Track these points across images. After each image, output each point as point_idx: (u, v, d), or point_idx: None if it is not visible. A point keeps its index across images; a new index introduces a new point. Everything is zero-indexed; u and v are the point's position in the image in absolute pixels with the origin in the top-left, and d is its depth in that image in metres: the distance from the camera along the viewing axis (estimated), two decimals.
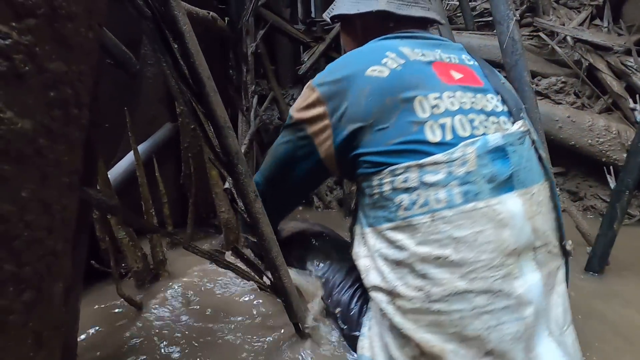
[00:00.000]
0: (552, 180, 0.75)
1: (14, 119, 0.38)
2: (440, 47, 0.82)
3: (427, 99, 0.72)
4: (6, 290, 0.39)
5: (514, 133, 0.73)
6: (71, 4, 0.43)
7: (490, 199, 0.68)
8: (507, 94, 0.79)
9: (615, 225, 1.21)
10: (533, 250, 0.69)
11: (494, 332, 0.65)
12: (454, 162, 0.68)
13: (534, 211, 0.70)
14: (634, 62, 1.92)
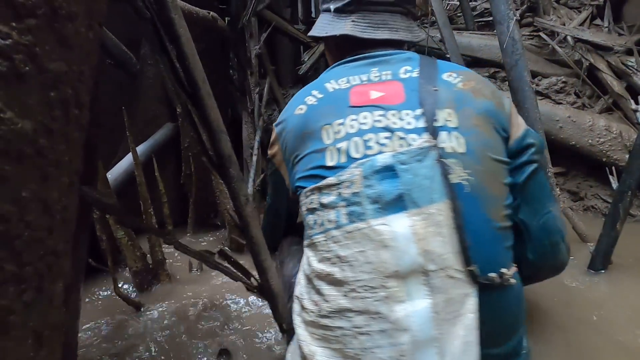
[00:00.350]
0: (459, 199, 0.68)
1: (15, 119, 0.38)
2: (381, 64, 0.84)
3: (332, 126, 0.77)
4: (7, 290, 0.39)
5: (410, 151, 0.70)
6: (71, 4, 0.43)
7: (373, 219, 0.68)
8: None
9: (618, 226, 1.21)
10: (424, 274, 0.65)
11: (369, 354, 0.65)
12: (342, 183, 0.71)
13: (429, 232, 0.66)
14: (634, 62, 1.92)
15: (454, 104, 0.75)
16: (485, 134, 0.73)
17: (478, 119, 0.74)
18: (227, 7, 2.14)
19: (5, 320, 0.39)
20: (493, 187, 0.71)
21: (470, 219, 0.68)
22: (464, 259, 0.66)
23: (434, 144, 0.70)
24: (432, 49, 2.22)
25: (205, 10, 1.82)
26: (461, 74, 0.81)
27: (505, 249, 0.71)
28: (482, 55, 2.20)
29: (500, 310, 0.69)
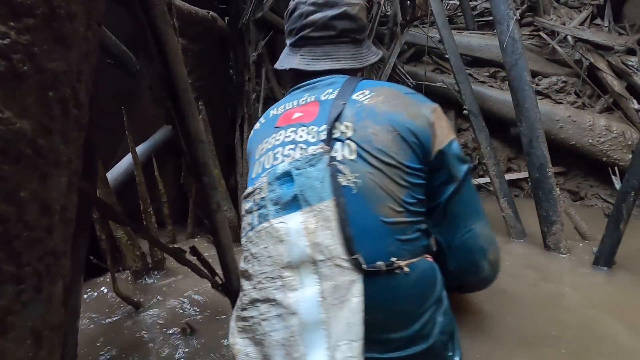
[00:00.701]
0: (346, 198, 0.76)
1: (13, 119, 0.38)
2: (311, 90, 0.97)
3: (262, 144, 0.90)
4: (6, 291, 0.39)
5: (304, 157, 0.81)
6: (70, 4, 0.43)
7: (274, 219, 0.78)
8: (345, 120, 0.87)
9: (622, 226, 1.20)
10: (313, 264, 0.73)
11: (268, 338, 0.73)
12: (255, 191, 0.83)
13: (319, 227, 0.75)
14: (635, 62, 1.92)
15: (354, 118, 0.86)
16: (383, 141, 0.82)
17: (377, 128, 0.83)
18: (227, 7, 2.14)
19: (4, 320, 0.39)
20: (385, 187, 0.79)
21: (356, 215, 0.76)
22: (348, 249, 0.73)
23: (326, 150, 0.81)
24: (431, 49, 2.22)
25: (205, 10, 1.82)
26: (373, 91, 0.91)
27: (398, 241, 0.77)
28: (482, 55, 2.20)
29: (392, 295, 0.75)
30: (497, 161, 1.65)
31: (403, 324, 0.75)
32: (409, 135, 0.83)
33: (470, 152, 2.20)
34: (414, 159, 0.83)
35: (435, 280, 0.80)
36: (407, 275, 0.75)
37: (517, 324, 0.98)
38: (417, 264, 0.77)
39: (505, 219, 1.59)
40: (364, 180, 0.78)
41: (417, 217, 0.81)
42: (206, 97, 1.99)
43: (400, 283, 0.75)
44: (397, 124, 0.84)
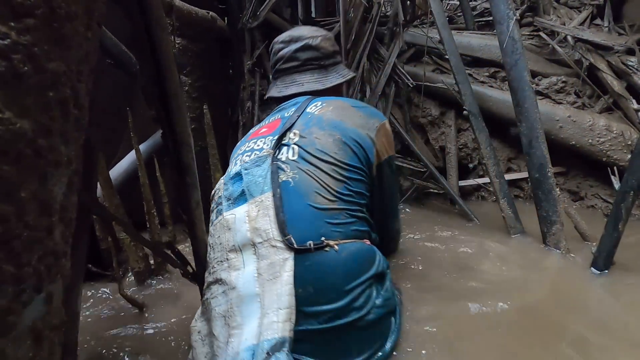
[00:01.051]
0: (283, 190, 0.91)
1: (13, 119, 0.38)
2: (281, 110, 1.16)
3: (234, 155, 1.10)
4: (6, 291, 0.39)
5: (252, 159, 1.00)
6: (70, 4, 0.43)
7: (227, 212, 0.94)
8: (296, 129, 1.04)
9: (620, 226, 1.20)
10: (253, 246, 0.86)
11: (213, 312, 0.84)
12: (217, 191, 1.03)
13: (258, 214, 0.88)
14: (635, 62, 1.92)
15: (302, 127, 1.03)
16: (325, 144, 0.98)
17: (320, 133, 1.00)
18: (226, 7, 2.14)
19: (4, 320, 0.39)
20: (320, 180, 0.93)
21: (291, 204, 0.89)
22: (282, 231, 0.85)
23: (270, 153, 0.98)
24: (431, 49, 2.22)
25: (204, 10, 1.82)
26: (324, 103, 1.10)
27: (328, 224, 0.89)
28: (482, 55, 2.19)
29: (322, 271, 0.83)
30: (497, 161, 1.65)
31: (333, 297, 0.82)
32: (350, 141, 1.00)
33: (470, 152, 2.20)
34: (353, 158, 0.99)
35: (372, 261, 0.90)
36: (338, 253, 0.85)
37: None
38: (348, 245, 0.88)
39: (505, 219, 1.59)
40: (300, 175, 0.93)
41: (353, 205, 0.94)
42: (206, 97, 1.99)
43: (330, 260, 0.85)
44: (340, 130, 1.01)
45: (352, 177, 0.97)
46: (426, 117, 2.24)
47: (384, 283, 0.91)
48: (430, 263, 1.33)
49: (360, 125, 1.05)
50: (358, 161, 1.00)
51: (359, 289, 0.84)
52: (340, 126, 1.02)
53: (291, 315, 0.78)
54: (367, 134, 1.04)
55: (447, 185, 1.99)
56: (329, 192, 0.92)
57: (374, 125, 1.07)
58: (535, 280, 1.19)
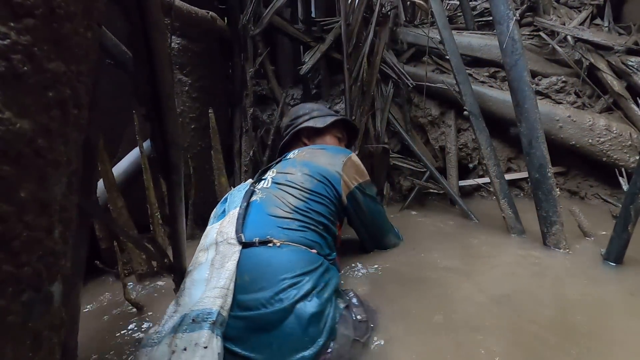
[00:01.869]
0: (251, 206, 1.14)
1: (13, 119, 0.38)
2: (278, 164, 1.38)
3: None
4: (5, 291, 0.39)
5: (237, 187, 1.30)
6: (70, 4, 0.43)
7: (210, 225, 1.18)
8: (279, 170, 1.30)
9: (630, 228, 1.19)
10: (216, 245, 1.03)
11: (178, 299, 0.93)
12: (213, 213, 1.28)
13: (228, 223, 1.09)
14: (635, 62, 1.92)
15: (280, 167, 1.30)
16: (295, 177, 1.21)
17: (293, 170, 1.25)
18: (226, 7, 2.14)
19: (3, 320, 0.39)
20: (281, 198, 1.14)
21: (253, 214, 1.11)
22: (237, 232, 1.03)
23: (250, 183, 1.27)
24: (431, 49, 2.22)
25: (204, 10, 1.82)
26: (302, 151, 1.37)
27: (278, 227, 1.06)
28: (482, 55, 2.19)
29: (259, 261, 0.96)
30: (498, 162, 1.65)
31: (264, 285, 0.90)
32: (317, 175, 1.23)
33: (470, 152, 2.20)
34: (318, 187, 1.20)
35: (312, 264, 0.98)
36: (279, 248, 0.99)
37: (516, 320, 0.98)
38: (292, 246, 1.01)
39: (505, 219, 1.59)
40: (267, 196, 1.16)
41: (308, 220, 1.11)
42: (206, 97, 1.99)
43: (270, 253, 0.98)
44: (309, 167, 1.25)
45: (314, 200, 1.17)
46: (426, 117, 2.24)
47: (323, 293, 0.93)
48: (431, 264, 1.33)
49: (328, 163, 1.28)
50: (323, 190, 1.21)
51: (288, 281, 0.91)
52: (309, 164, 1.27)
53: (226, 295, 0.87)
54: (334, 169, 1.27)
55: (447, 185, 1.99)
56: (287, 207, 1.12)
57: (340, 161, 1.30)
58: (544, 280, 1.19)
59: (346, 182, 1.27)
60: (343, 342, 0.87)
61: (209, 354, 0.76)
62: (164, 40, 0.70)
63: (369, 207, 1.34)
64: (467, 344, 0.90)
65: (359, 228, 1.38)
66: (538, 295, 1.10)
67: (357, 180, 1.31)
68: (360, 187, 1.31)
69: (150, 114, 0.74)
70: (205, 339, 0.78)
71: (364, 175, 1.35)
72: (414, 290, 1.14)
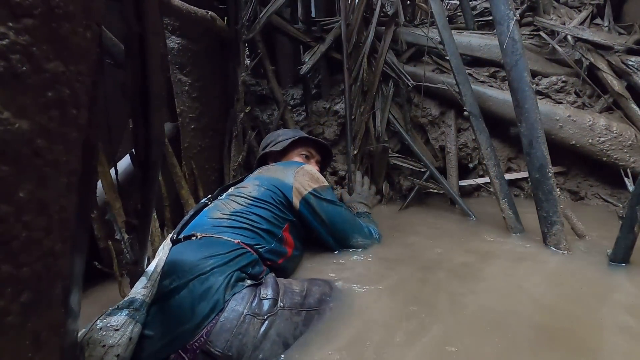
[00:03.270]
0: (200, 212, 1.31)
1: (12, 119, 0.38)
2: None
3: None
4: (4, 291, 0.39)
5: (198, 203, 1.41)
6: (68, 4, 0.43)
7: None
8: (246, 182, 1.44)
9: (636, 228, 1.19)
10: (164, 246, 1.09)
11: None
12: None
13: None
14: (635, 62, 1.92)
15: (240, 183, 1.44)
16: (246, 189, 1.34)
17: (247, 184, 1.38)
18: (226, 7, 2.14)
19: (3, 321, 0.39)
20: (226, 205, 1.28)
21: (198, 218, 1.26)
22: (177, 232, 1.17)
23: (208, 199, 1.41)
24: (432, 49, 2.22)
25: (204, 10, 1.82)
26: (262, 169, 1.50)
27: (212, 227, 1.16)
28: (482, 55, 2.19)
29: (177, 253, 1.02)
30: (498, 162, 1.65)
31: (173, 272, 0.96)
32: (267, 184, 1.35)
33: (470, 152, 2.19)
34: (265, 194, 1.31)
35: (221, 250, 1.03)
36: (198, 240, 1.09)
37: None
38: (211, 238, 1.10)
39: (505, 219, 1.59)
40: (216, 204, 1.30)
41: (243, 219, 1.20)
42: (206, 97, 1.99)
43: (188, 245, 1.08)
44: (261, 180, 1.38)
45: (256, 205, 1.27)
46: (426, 117, 2.24)
47: (223, 272, 0.98)
48: (431, 266, 1.33)
49: (280, 175, 1.40)
50: (269, 197, 1.31)
51: (191, 264, 0.97)
52: (262, 177, 1.41)
53: (152, 286, 0.91)
54: (285, 179, 1.37)
55: (447, 185, 1.99)
56: (226, 210, 1.24)
57: (292, 171, 1.40)
58: (547, 280, 1.19)
59: (298, 188, 1.36)
60: (232, 316, 0.90)
61: (118, 335, 0.81)
62: (159, 42, 0.70)
63: (326, 210, 1.39)
64: (462, 346, 0.90)
65: (320, 232, 1.41)
66: (538, 296, 1.10)
67: (310, 186, 1.38)
68: (315, 192, 1.38)
69: (135, 110, 0.74)
70: (118, 322, 0.83)
71: (318, 182, 1.42)
72: (411, 291, 1.14)
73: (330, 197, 1.42)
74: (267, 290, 0.99)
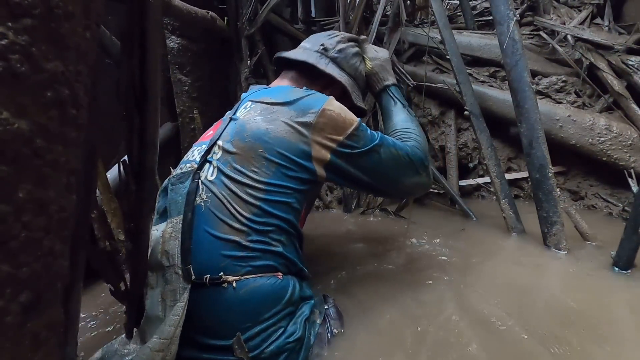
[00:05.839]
0: (195, 215, 0.86)
1: (11, 119, 0.38)
2: (239, 102, 1.04)
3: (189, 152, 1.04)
4: (3, 291, 0.39)
5: (177, 174, 0.93)
6: (68, 4, 0.43)
7: (154, 225, 0.91)
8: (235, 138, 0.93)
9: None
10: (162, 269, 0.83)
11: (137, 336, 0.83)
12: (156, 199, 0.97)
13: (170, 236, 0.84)
14: (635, 61, 1.92)
15: (227, 137, 0.93)
16: (245, 161, 0.88)
17: (241, 146, 0.90)
18: (226, 7, 2.14)
19: (2, 321, 0.39)
20: (232, 207, 0.85)
21: (198, 230, 0.84)
22: (184, 259, 0.81)
23: (194, 169, 0.91)
24: (432, 49, 2.22)
25: (204, 10, 1.82)
26: (254, 104, 0.97)
27: (228, 257, 0.82)
28: (482, 55, 2.19)
29: (216, 307, 0.80)
30: (498, 162, 1.65)
31: (227, 334, 0.79)
32: (276, 156, 0.88)
33: (470, 152, 2.19)
34: (277, 175, 0.88)
35: (279, 298, 0.84)
36: (235, 290, 0.80)
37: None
38: (251, 280, 0.82)
39: (506, 219, 1.59)
40: (212, 200, 0.86)
41: (265, 236, 0.85)
42: (206, 97, 1.99)
43: (226, 297, 0.80)
44: (263, 143, 0.89)
45: (271, 200, 0.87)
46: (426, 116, 2.24)
47: (293, 317, 0.86)
48: (429, 264, 1.33)
49: (291, 130, 0.91)
50: (287, 178, 0.89)
51: (255, 329, 0.81)
52: (264, 137, 0.89)
53: (169, 347, 0.75)
54: (300, 139, 0.90)
55: (447, 185, 1.99)
56: (237, 221, 0.85)
57: (309, 121, 0.91)
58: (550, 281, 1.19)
59: (320, 154, 0.92)
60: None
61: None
62: (159, 41, 0.69)
63: (364, 165, 0.97)
64: (458, 347, 0.90)
65: (358, 188, 1.08)
66: (537, 296, 1.10)
67: (336, 139, 0.94)
68: (343, 148, 0.94)
69: (130, 111, 0.70)
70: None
71: (344, 128, 0.95)
72: (409, 291, 1.14)
73: (364, 143, 0.96)
74: (336, 323, 0.93)
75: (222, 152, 0.91)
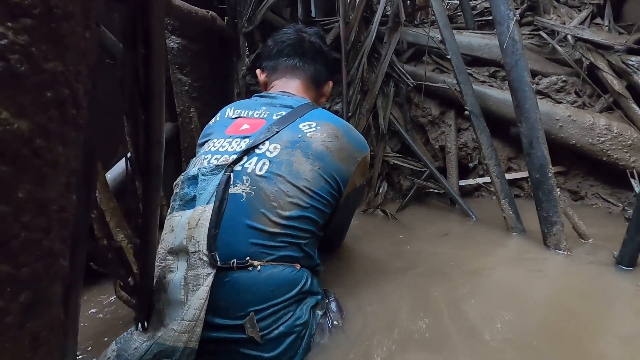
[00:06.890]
0: (229, 203, 0.90)
1: (10, 119, 0.38)
2: (271, 106, 1.11)
3: (209, 143, 1.05)
4: (3, 291, 0.39)
5: (210, 165, 0.96)
6: (68, 3, 0.43)
7: (177, 211, 0.95)
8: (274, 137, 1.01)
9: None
10: (187, 254, 0.87)
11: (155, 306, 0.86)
12: (176, 186, 1.02)
13: (198, 223, 0.88)
14: (635, 61, 1.92)
15: (287, 144, 0.99)
16: (303, 170, 0.96)
17: (303, 160, 0.97)
18: (226, 7, 2.14)
19: (1, 321, 0.39)
20: (276, 202, 0.91)
21: (230, 219, 0.89)
22: (209, 247, 0.85)
23: (230, 162, 0.95)
24: (432, 49, 2.22)
25: (204, 10, 1.82)
26: (319, 125, 1.04)
27: (258, 245, 0.88)
28: (482, 55, 2.19)
29: (236, 288, 0.85)
30: (498, 162, 1.65)
31: (241, 315, 0.84)
32: (329, 176, 0.99)
33: (470, 152, 2.19)
34: (324, 189, 0.98)
35: (294, 284, 0.89)
36: (259, 272, 0.86)
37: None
38: (273, 267, 0.88)
39: (506, 219, 1.59)
40: (257, 193, 0.91)
41: (297, 231, 0.92)
42: (206, 97, 1.99)
43: (248, 278, 0.86)
44: (323, 162, 0.99)
45: (313, 205, 0.96)
46: (426, 116, 2.24)
47: (300, 303, 0.91)
48: (429, 264, 1.33)
49: (344, 158, 1.04)
50: (328, 193, 1.00)
51: (268, 310, 0.86)
52: (324, 158, 1.00)
53: (193, 329, 0.79)
54: (347, 168, 1.05)
55: (447, 185, 1.99)
56: (277, 215, 0.91)
57: (356, 159, 1.09)
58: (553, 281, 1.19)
59: (352, 183, 1.10)
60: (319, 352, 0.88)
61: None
62: (163, 39, 0.69)
63: (353, 206, 1.27)
64: (458, 348, 0.90)
65: (335, 226, 1.18)
66: (537, 296, 1.10)
67: (360, 180, 1.15)
68: (360, 187, 1.18)
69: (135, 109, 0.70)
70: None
71: (365, 175, 1.21)
72: (408, 290, 1.14)
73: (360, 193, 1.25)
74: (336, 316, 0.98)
75: (279, 152, 0.97)
